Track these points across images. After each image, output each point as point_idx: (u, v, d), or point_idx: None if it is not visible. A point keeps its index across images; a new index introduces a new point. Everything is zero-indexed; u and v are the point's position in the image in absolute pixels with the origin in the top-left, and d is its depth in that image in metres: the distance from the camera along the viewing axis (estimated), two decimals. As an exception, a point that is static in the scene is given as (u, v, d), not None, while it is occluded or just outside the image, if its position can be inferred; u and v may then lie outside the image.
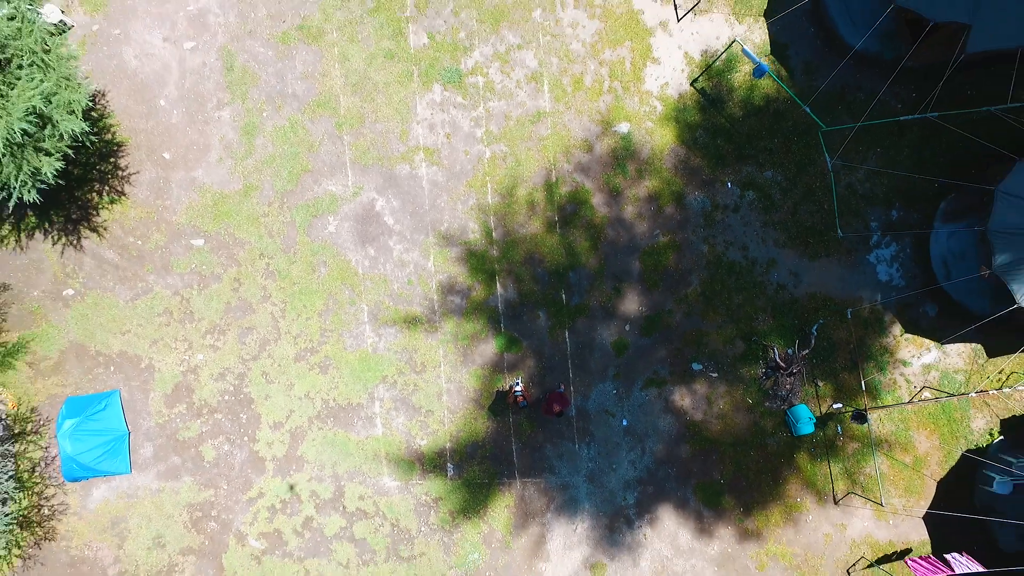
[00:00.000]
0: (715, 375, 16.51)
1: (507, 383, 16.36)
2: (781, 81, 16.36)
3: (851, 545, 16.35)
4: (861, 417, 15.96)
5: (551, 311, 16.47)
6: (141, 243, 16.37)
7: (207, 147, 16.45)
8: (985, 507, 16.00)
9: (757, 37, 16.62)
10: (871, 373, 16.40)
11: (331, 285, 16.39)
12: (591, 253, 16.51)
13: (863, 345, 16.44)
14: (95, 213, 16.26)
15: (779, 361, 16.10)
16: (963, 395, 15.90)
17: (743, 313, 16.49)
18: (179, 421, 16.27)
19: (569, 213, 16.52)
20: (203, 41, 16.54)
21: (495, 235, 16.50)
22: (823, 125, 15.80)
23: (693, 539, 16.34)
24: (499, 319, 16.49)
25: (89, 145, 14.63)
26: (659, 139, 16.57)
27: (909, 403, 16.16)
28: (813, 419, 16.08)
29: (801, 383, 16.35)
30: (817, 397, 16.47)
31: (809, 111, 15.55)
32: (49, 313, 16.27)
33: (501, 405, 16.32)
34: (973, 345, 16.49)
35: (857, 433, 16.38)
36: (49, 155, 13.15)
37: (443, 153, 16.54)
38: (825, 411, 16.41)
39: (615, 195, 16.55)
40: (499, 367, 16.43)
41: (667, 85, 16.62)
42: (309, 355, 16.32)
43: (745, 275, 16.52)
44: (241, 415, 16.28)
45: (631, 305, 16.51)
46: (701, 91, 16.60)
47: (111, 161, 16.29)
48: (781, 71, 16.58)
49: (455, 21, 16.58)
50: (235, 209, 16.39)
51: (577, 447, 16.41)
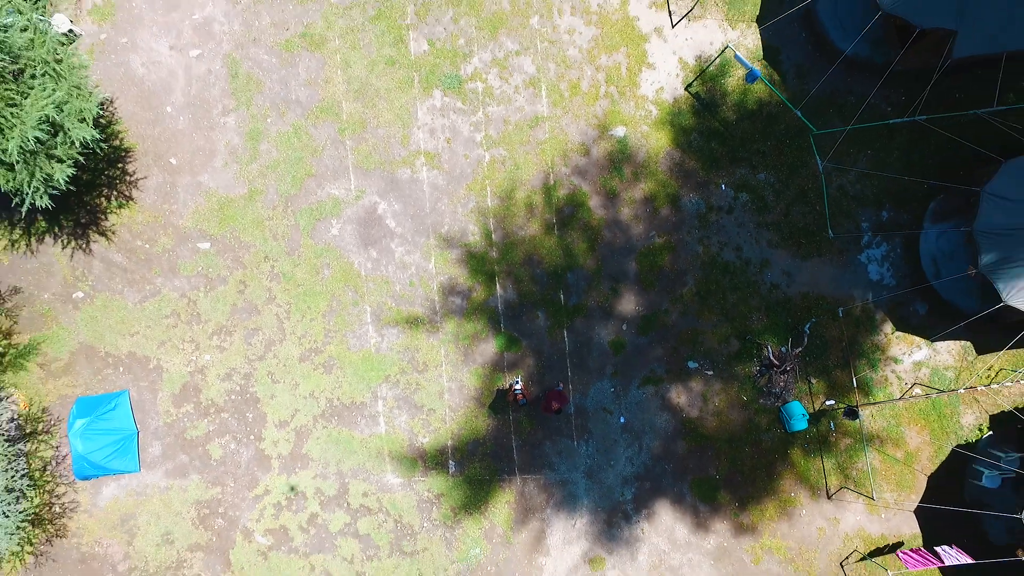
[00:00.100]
0: (710, 373, 16.87)
1: (507, 382, 16.70)
2: (773, 85, 16.72)
3: (844, 538, 16.69)
4: (853, 413, 16.31)
5: (550, 311, 16.83)
6: (149, 246, 16.74)
7: (213, 152, 16.82)
8: (975, 501, 16.34)
9: (750, 42, 16.99)
10: (863, 370, 16.75)
11: (335, 287, 16.76)
12: (589, 254, 16.87)
13: (855, 343, 16.79)
14: (104, 217, 16.63)
15: (773, 359, 16.45)
16: (953, 391, 16.23)
17: (737, 312, 16.85)
18: (187, 420, 16.63)
19: (567, 215, 16.88)
20: (208, 49, 16.91)
21: (495, 237, 16.87)
22: (814, 128, 16.15)
23: (690, 533, 16.69)
24: (499, 319, 16.85)
25: (99, 152, 14.97)
26: (654, 142, 16.93)
27: (900, 399, 16.49)
28: (806, 415, 16.42)
29: (794, 380, 16.70)
30: (810, 394, 16.82)
31: (800, 115, 15.92)
32: (59, 315, 16.64)
33: (501, 403, 16.68)
34: (962, 342, 16.84)
35: (849, 429, 16.74)
36: (61, 162, 13.52)
37: (443, 157, 16.90)
38: (818, 408, 16.76)
39: (612, 197, 16.91)
40: (499, 366, 16.79)
41: (662, 90, 16.98)
42: (313, 355, 16.69)
43: (739, 275, 16.87)
44: (247, 414, 16.64)
45: (628, 305, 16.87)
46: (695, 95, 16.96)
47: (119, 166, 16.66)
48: (773, 75, 16.95)
49: (455, 28, 16.94)
50: (240, 213, 16.76)
51: (576, 444, 16.76)
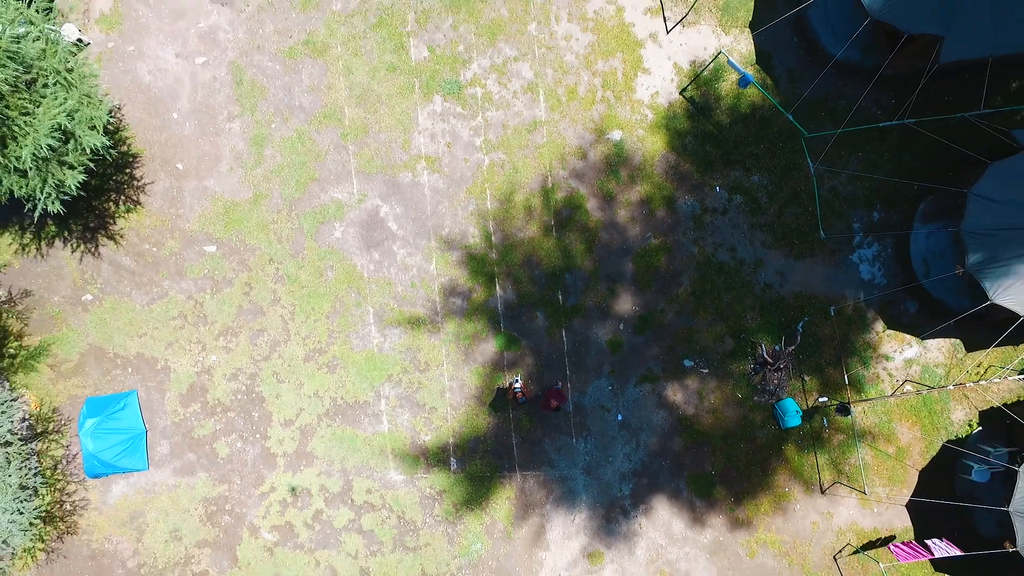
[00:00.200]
0: (706, 371, 17.23)
1: (507, 380, 17.08)
2: (766, 90, 17.09)
3: (837, 532, 17.05)
4: (845, 410, 16.68)
5: (548, 311, 17.21)
6: (156, 250, 17.12)
7: (218, 157, 17.21)
8: (965, 495, 16.66)
9: (743, 47, 17.36)
10: (855, 368, 17.10)
11: (338, 288, 17.14)
12: (586, 255, 17.24)
13: (847, 341, 17.15)
14: (112, 222, 17.02)
15: (767, 357, 16.81)
16: (943, 388, 16.63)
17: (732, 311, 17.22)
18: (194, 420, 17.01)
19: (565, 217, 17.26)
20: (214, 56, 17.29)
21: (494, 239, 17.24)
22: (805, 132, 16.51)
23: (686, 528, 17.05)
24: (499, 319, 17.23)
25: (108, 158, 15.35)
26: (650, 146, 17.30)
27: (892, 396, 16.86)
28: (800, 412, 16.77)
29: (788, 378, 17.06)
30: (803, 391, 17.19)
31: (792, 118, 16.28)
32: (69, 317, 17.02)
33: (501, 401, 17.06)
34: (952, 340, 17.19)
35: (842, 425, 17.10)
36: (72, 168, 13.90)
37: (444, 161, 17.28)
38: (811, 404, 17.11)
39: (608, 200, 17.28)
40: (499, 365, 17.16)
41: (657, 94, 17.36)
42: (318, 355, 17.06)
43: (733, 275, 17.23)
44: (253, 413, 17.02)
45: (625, 305, 17.24)
46: (690, 100, 17.33)
47: (127, 172, 17.05)
48: (766, 79, 17.31)
49: (454, 35, 17.32)
50: (245, 216, 17.14)
51: (574, 441, 17.13)
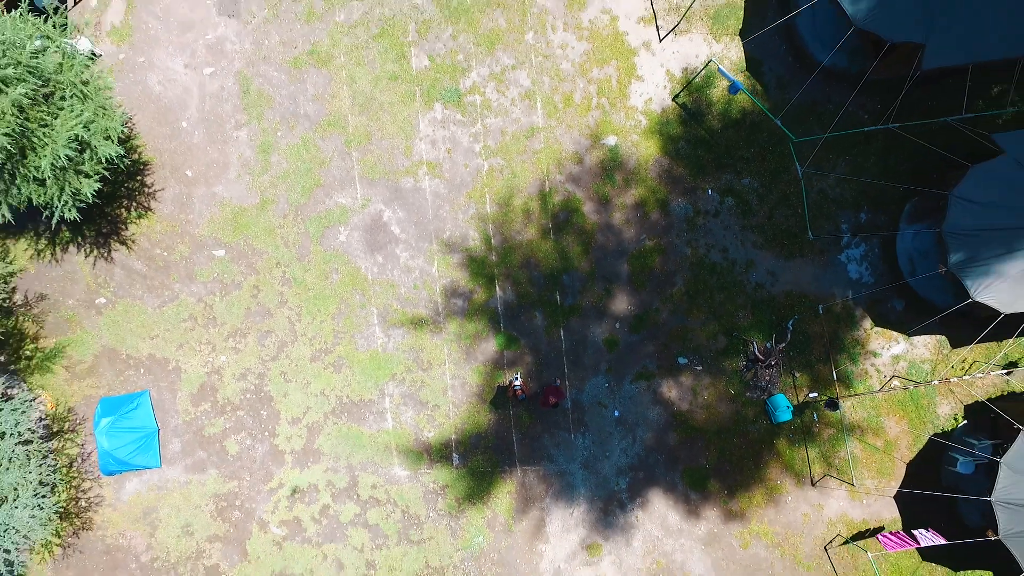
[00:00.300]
0: (699, 368, 17.79)
1: (507, 378, 17.64)
2: (756, 96, 17.65)
3: (828, 523, 17.61)
4: (833, 404, 17.24)
5: (547, 311, 17.77)
6: (167, 254, 17.69)
7: (226, 165, 17.78)
8: (951, 486, 17.18)
9: (733, 55, 17.93)
10: (844, 364, 17.66)
11: (343, 290, 17.70)
12: (583, 257, 17.80)
13: (836, 338, 17.72)
14: (124, 227, 17.59)
15: (758, 354, 17.37)
16: (929, 383, 17.20)
17: (724, 310, 17.77)
18: (204, 418, 17.57)
19: (562, 220, 17.82)
20: (221, 67, 17.87)
21: (494, 242, 17.81)
22: (793, 137, 17.07)
23: (682, 520, 17.61)
24: (499, 319, 17.80)
25: (122, 167, 15.92)
26: (644, 150, 17.87)
27: (879, 391, 17.42)
28: (791, 407, 17.32)
29: (779, 374, 17.61)
30: (794, 387, 17.74)
31: (780, 124, 16.85)
32: (83, 320, 17.59)
33: (502, 399, 17.62)
34: (938, 337, 17.75)
35: (831, 420, 17.66)
36: (88, 177, 14.47)
37: (444, 167, 17.85)
38: (802, 400, 17.67)
39: (604, 203, 17.85)
40: (499, 364, 17.73)
41: (651, 100, 17.92)
42: (324, 355, 17.63)
43: (726, 275, 17.80)
44: (262, 412, 17.59)
45: (621, 305, 17.81)
46: (682, 106, 17.90)
47: (138, 179, 17.63)
48: (756, 86, 17.88)
49: (454, 45, 17.90)
50: (253, 221, 17.71)
51: (573, 437, 17.69)
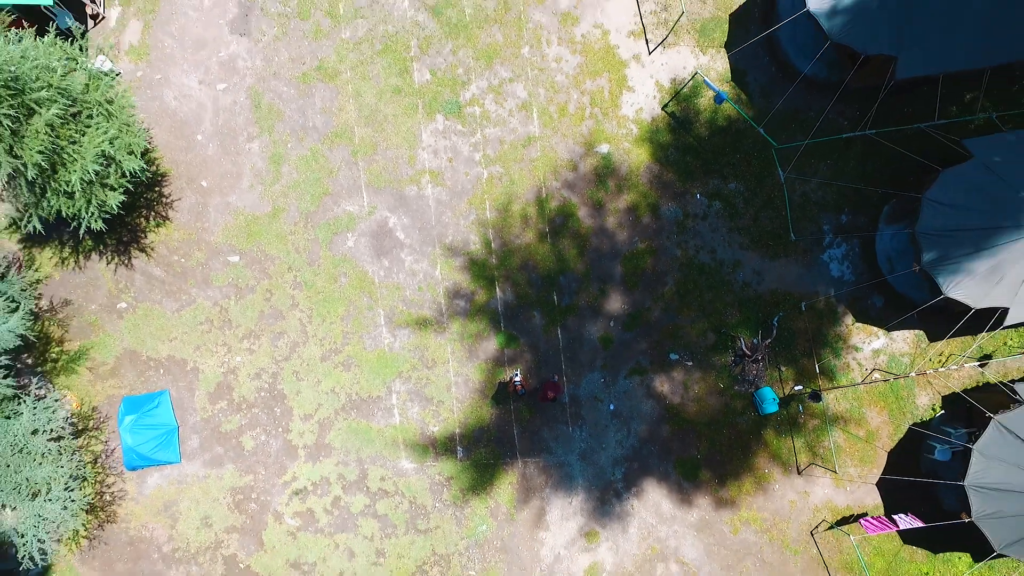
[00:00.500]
0: (690, 363, 18.72)
1: (508, 375, 18.56)
2: (740, 104, 18.59)
3: (814, 510, 18.53)
4: (817, 396, 18.17)
5: (545, 311, 18.71)
6: (184, 261, 18.65)
7: (239, 175, 18.74)
8: (929, 473, 18.07)
9: (719, 66, 18.87)
10: (827, 358, 18.59)
11: (351, 293, 18.65)
12: (578, 259, 18.74)
13: (819, 334, 18.64)
14: (143, 236, 18.54)
15: (746, 350, 18.30)
16: (908, 375, 18.10)
17: (713, 308, 18.70)
18: (221, 416, 18.52)
19: (558, 225, 18.77)
20: (233, 83, 18.83)
21: (494, 246, 18.75)
22: (775, 144, 18.01)
23: (675, 508, 18.53)
24: (499, 319, 18.74)
25: (143, 179, 16.87)
26: (635, 158, 18.82)
27: (861, 384, 18.32)
28: (777, 400, 18.23)
29: (765, 368, 18.53)
30: (780, 380, 18.67)
31: (763, 132, 17.79)
32: (105, 324, 18.54)
33: (503, 394, 18.55)
34: (916, 331, 18.68)
35: (816, 411, 18.58)
36: (113, 189, 15.43)
37: (446, 175, 18.80)
38: (787, 393, 18.59)
39: (598, 208, 18.79)
40: (500, 361, 18.67)
41: (641, 110, 18.87)
42: (334, 355, 18.57)
43: (714, 275, 18.72)
44: (275, 409, 18.53)
45: (615, 304, 18.75)
46: (671, 115, 18.84)
47: (156, 190, 18.58)
48: (741, 95, 18.81)
49: (454, 59, 18.85)
50: (265, 229, 18.66)
51: (571, 430, 18.62)
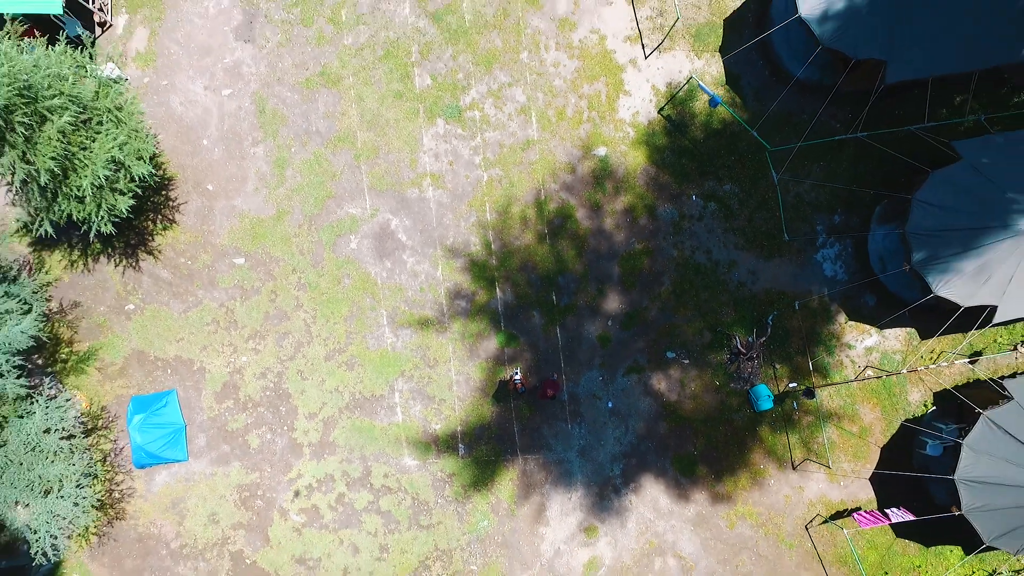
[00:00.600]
0: (687, 362, 19.09)
1: (508, 373, 18.93)
2: (735, 107, 18.97)
3: (808, 504, 18.90)
4: (810, 393, 18.54)
5: (544, 311, 19.09)
6: (190, 263, 19.04)
7: (244, 179, 19.13)
8: (921, 467, 18.43)
9: (714, 70, 19.26)
10: (820, 356, 18.95)
11: (354, 294, 19.04)
12: (577, 260, 19.12)
13: (813, 332, 19.00)
14: (151, 238, 18.93)
15: (741, 348, 18.67)
16: (900, 372, 18.47)
17: (709, 308, 19.07)
18: (228, 414, 18.91)
19: (557, 226, 19.15)
20: (238, 88, 19.22)
21: (494, 247, 19.14)
22: (768, 146, 18.38)
23: (672, 503, 18.91)
24: (499, 319, 19.13)
25: (151, 183, 17.26)
26: (632, 160, 19.20)
27: (854, 381, 18.70)
28: (772, 397, 18.58)
29: (760, 366, 18.89)
30: (775, 378, 19.04)
31: (756, 135, 18.16)
32: (114, 325, 18.93)
33: (503, 392, 18.93)
34: (908, 329, 19.05)
35: (810, 407, 18.95)
36: (123, 194, 15.83)
37: (447, 178, 19.18)
38: (782, 390, 18.96)
39: (596, 209, 19.18)
40: (500, 360, 19.05)
41: (638, 114, 19.25)
42: (337, 355, 18.96)
43: (710, 275, 19.10)
44: (281, 408, 18.92)
45: (613, 304, 19.13)
46: (667, 118, 19.22)
47: (163, 193, 18.97)
48: (735, 98, 19.19)
49: (454, 64, 19.24)
50: (270, 231, 19.05)
51: (570, 427, 19.00)
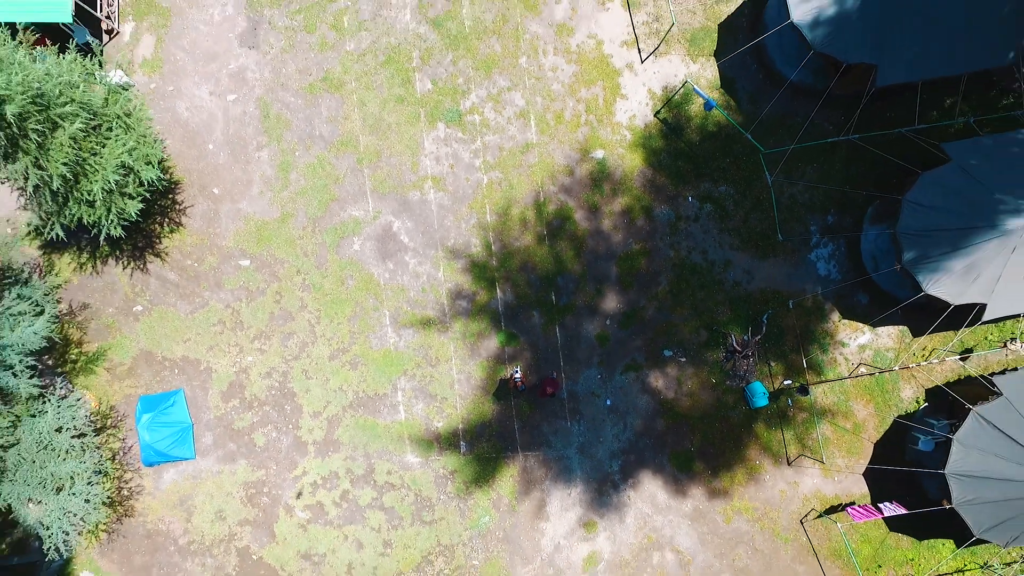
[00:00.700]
0: (683, 360, 19.46)
1: (508, 372, 19.28)
2: (729, 110, 19.35)
3: (803, 499, 19.27)
4: (804, 390, 18.90)
5: (543, 310, 19.46)
6: (197, 265, 19.42)
7: (249, 182, 19.51)
8: (913, 462, 18.78)
9: (709, 74, 19.63)
10: (814, 353, 19.33)
11: (358, 295, 19.42)
12: (575, 260, 19.50)
13: (807, 330, 19.37)
14: (158, 241, 19.32)
15: (736, 346, 19.04)
16: (892, 369, 18.84)
17: (705, 307, 19.44)
18: (234, 413, 19.29)
19: (556, 227, 19.53)
20: (243, 94, 19.61)
21: (494, 248, 19.52)
22: (762, 148, 18.77)
23: (670, 498, 19.28)
24: (500, 319, 19.50)
25: (159, 188, 17.65)
26: (629, 162, 19.58)
27: (848, 378, 19.07)
28: (767, 394, 18.95)
29: (756, 364, 19.27)
30: (770, 375, 19.40)
31: (751, 137, 18.54)
32: (122, 326, 19.32)
33: (504, 391, 19.29)
34: (900, 327, 19.42)
35: (805, 404, 19.32)
36: (132, 198, 16.21)
37: (448, 181, 19.57)
38: (777, 387, 19.32)
39: (594, 211, 19.56)
40: (501, 359, 19.43)
41: (634, 117, 19.63)
42: (341, 354, 19.33)
43: (706, 275, 19.47)
44: (286, 406, 19.30)
45: (611, 303, 19.51)
46: (663, 121, 19.60)
47: (169, 197, 19.36)
48: (730, 101, 19.57)
49: (454, 69, 19.63)
50: (275, 234, 19.43)
51: (569, 424, 19.37)
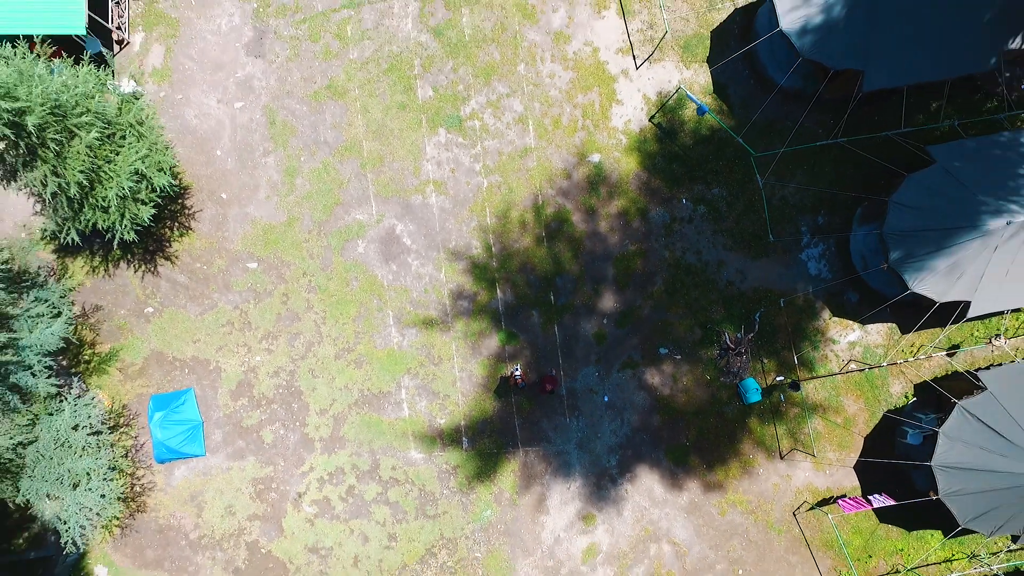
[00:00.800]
0: (679, 357, 20.02)
1: (509, 369, 19.83)
2: (722, 115, 19.92)
3: (796, 492, 19.82)
4: (795, 386, 19.47)
5: (542, 310, 20.02)
6: (206, 268, 20.00)
7: (256, 187, 20.09)
8: (903, 456, 19.35)
9: (702, 80, 20.21)
10: (806, 350, 19.88)
11: (362, 296, 19.98)
12: (573, 261, 20.06)
13: (798, 328, 19.93)
14: (168, 245, 19.89)
15: (730, 344, 19.60)
16: (881, 366, 19.40)
17: (699, 306, 20.00)
18: (243, 411, 19.85)
19: (554, 229, 20.10)
20: (250, 101, 20.19)
21: (494, 250, 20.09)
22: (753, 152, 19.33)
23: (666, 492, 19.84)
24: (500, 318, 20.06)
25: (170, 193, 18.23)
26: (625, 166, 20.15)
27: (838, 374, 19.63)
28: (760, 390, 19.49)
29: (749, 361, 19.80)
30: (763, 372, 19.96)
31: (742, 141, 19.11)
32: (134, 327, 19.89)
33: (504, 388, 19.84)
34: (889, 324, 19.98)
35: (796, 399, 19.88)
36: (145, 204, 16.80)
37: (449, 184, 20.14)
38: (769, 383, 19.88)
39: (591, 213, 20.12)
40: (501, 357, 19.99)
41: (630, 122, 20.20)
42: (346, 354, 19.90)
43: (700, 275, 20.03)
44: (293, 404, 19.87)
45: (608, 303, 20.07)
46: (658, 125, 20.17)
47: (179, 202, 19.94)
48: (722, 106, 20.14)
49: (454, 76, 20.20)
50: (281, 237, 20.01)
51: (568, 420, 19.93)
